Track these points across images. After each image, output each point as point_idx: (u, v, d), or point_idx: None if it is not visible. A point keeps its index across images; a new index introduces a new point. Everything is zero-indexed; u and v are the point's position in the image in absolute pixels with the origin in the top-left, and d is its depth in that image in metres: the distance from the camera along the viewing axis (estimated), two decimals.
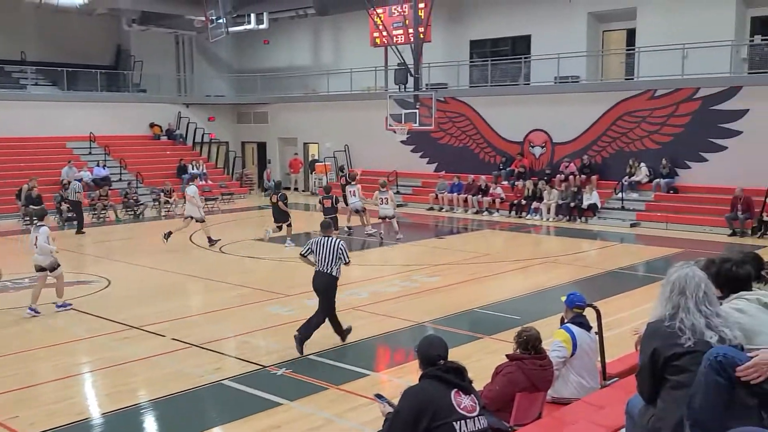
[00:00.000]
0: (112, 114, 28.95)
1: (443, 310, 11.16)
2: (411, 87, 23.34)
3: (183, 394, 7.71)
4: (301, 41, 33.07)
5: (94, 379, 8.47)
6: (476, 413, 3.80)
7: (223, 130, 33.26)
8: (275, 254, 16.53)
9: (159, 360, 8.92)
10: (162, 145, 30.55)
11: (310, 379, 8.04)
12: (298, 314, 10.94)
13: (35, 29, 29.42)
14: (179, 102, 32.09)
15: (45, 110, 27.17)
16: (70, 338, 9.93)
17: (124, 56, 32.07)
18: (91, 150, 27.79)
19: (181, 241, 17.64)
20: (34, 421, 6.95)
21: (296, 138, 32.12)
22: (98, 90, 29.48)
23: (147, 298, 12.34)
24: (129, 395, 7.79)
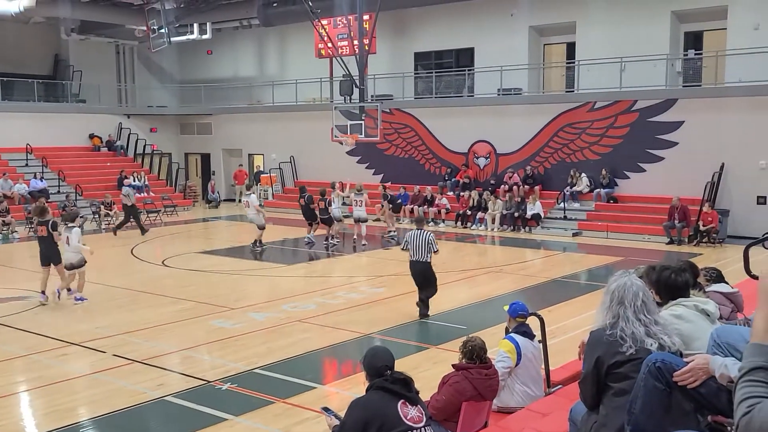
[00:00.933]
0: (50, 125, 28.18)
1: (389, 320, 11.17)
2: (356, 98, 23.38)
3: (125, 411, 7.52)
4: (245, 52, 32.85)
5: (32, 399, 8.20)
6: (423, 424, 3.80)
7: (165, 141, 32.69)
8: (220, 267, 16.31)
9: (99, 377, 8.68)
10: (102, 156, 29.87)
11: (256, 393, 7.94)
12: (244, 328, 10.84)
13: None
14: (120, 113, 31.44)
15: None
16: (5, 356, 9.57)
17: (62, 66, 31.31)
18: (28, 162, 26.98)
19: (123, 254, 17.25)
20: None
21: (241, 149, 31.82)
22: (35, 100, 28.68)
23: (87, 313, 12.02)
24: (69, 414, 7.56)
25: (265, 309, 12.09)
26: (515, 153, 24.14)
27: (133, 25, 28.80)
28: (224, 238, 22.55)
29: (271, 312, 11.86)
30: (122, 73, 33.16)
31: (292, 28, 29.78)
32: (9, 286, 14.17)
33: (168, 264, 16.75)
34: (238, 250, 18.95)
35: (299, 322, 11.21)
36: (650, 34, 21.97)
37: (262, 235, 18.49)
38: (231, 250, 18.84)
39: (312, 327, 10.89)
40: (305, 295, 13.23)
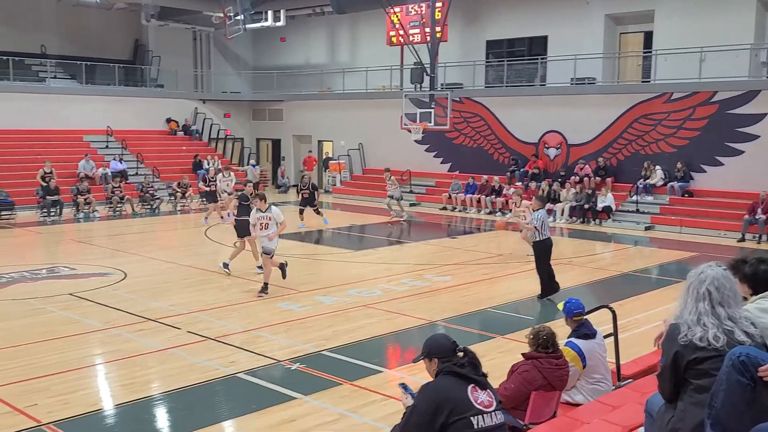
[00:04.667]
0: (129, 108, 29.15)
1: (455, 309, 11.19)
2: (427, 86, 23.38)
3: (198, 386, 7.79)
4: (317, 39, 33.16)
5: (110, 370, 8.56)
6: (493, 408, 3.83)
7: (238, 126, 33.42)
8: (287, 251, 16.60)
9: (174, 352, 9.00)
10: (178, 140, 30.73)
11: (324, 374, 8.10)
12: (310, 311, 11.05)
13: (55, 23, 29.67)
14: (196, 98, 32.28)
15: (63, 103, 27.39)
16: (87, 329, 10.02)
17: (142, 51, 32.28)
18: (108, 144, 28.00)
19: (196, 236, 17.75)
20: (51, 410, 7.05)
21: (311, 135, 32.21)
22: (116, 84, 29.70)
23: (162, 291, 12.44)
24: (146, 386, 7.88)
25: (332, 293, 12.27)
26: (587, 144, 23.71)
27: (211, 11, 29.42)
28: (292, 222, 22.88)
29: (337, 296, 12.04)
30: (199, 59, 33.96)
31: (364, 16, 29.90)
32: (90, 262, 14.76)
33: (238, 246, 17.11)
34: (306, 235, 19.24)
35: (364, 307, 11.35)
36: (733, 23, 21.18)
37: (269, 274, 12.33)
38: (298, 234, 19.12)
39: (377, 312, 11.01)
40: (371, 281, 13.36)
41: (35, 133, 26.49)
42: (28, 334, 9.63)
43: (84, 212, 22.18)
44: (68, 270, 14.11)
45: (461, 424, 3.69)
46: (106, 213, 22.67)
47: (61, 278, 13.46)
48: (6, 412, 7.03)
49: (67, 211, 22.08)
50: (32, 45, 28.91)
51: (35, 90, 27.17)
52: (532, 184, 23.71)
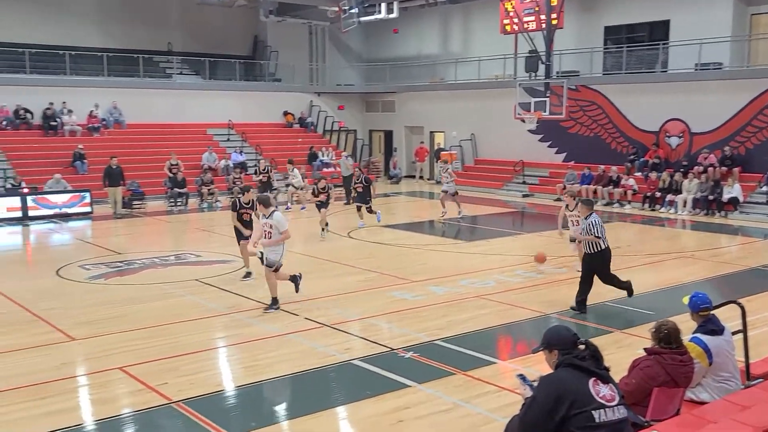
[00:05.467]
0: (248, 102, 30.28)
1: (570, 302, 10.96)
2: (541, 75, 22.93)
3: (314, 371, 8.02)
4: (430, 30, 33.15)
5: (232, 353, 8.95)
6: (616, 402, 3.75)
7: (351, 118, 33.99)
8: (401, 241, 16.77)
9: (292, 338, 9.31)
10: (294, 132, 31.62)
11: (438, 364, 8.15)
12: (424, 300, 11.13)
13: (181, 21, 31.16)
14: (311, 91, 33.08)
15: (188, 98, 28.78)
16: (212, 313, 10.52)
17: (260, 46, 33.38)
18: (230, 137, 29.19)
19: (312, 225, 18.20)
20: (181, 389, 7.46)
21: (423, 127, 32.31)
22: (237, 79, 30.91)
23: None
24: (265, 369, 8.19)
25: (445, 283, 12.30)
26: (712, 132, 22.55)
27: (326, 6, 30.02)
28: (405, 213, 23.11)
29: (451, 287, 12.05)
30: (314, 52, 34.73)
31: (477, 5, 29.64)
32: (214, 250, 15.47)
33: (353, 236, 17.48)
34: (418, 225, 19.35)
35: (478, 297, 11.31)
36: None
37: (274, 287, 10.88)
38: (411, 224, 19.24)
39: (490, 303, 10.95)
40: (484, 271, 13.29)
41: (162, 127, 27.99)
42: (160, 317, 10.22)
43: (207, 202, 23.24)
44: (194, 257, 14.86)
45: (582, 418, 3.64)
46: (227, 203, 23.61)
47: (188, 265, 14.19)
48: (140, 389, 7.51)
49: (192, 201, 23.21)
50: (160, 43, 30.49)
51: (162, 86, 28.69)
52: (652, 175, 22.80)
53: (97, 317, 10.30)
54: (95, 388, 7.70)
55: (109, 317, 10.29)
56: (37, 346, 8.96)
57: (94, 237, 18.06)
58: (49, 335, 9.45)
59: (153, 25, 30.27)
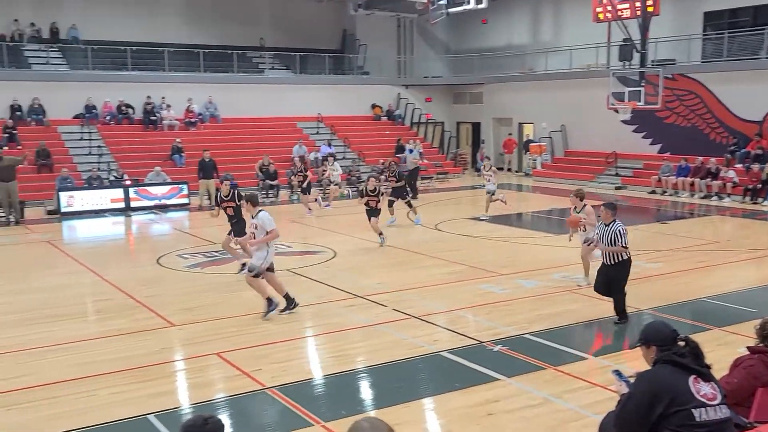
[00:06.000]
0: (337, 96, 30.68)
1: (666, 298, 10.63)
2: (636, 64, 22.23)
3: (402, 362, 8.10)
4: (519, 20, 32.66)
5: (322, 342, 9.13)
6: (717, 402, 3.62)
7: (439, 110, 33.92)
8: (488, 234, 16.66)
9: (380, 328, 9.42)
10: (382, 125, 31.83)
11: (527, 358, 8.08)
12: (512, 293, 11.04)
13: (272, 17, 31.83)
14: (399, 83, 33.20)
15: (279, 93, 29.42)
16: (302, 303, 10.73)
17: (349, 40, 33.72)
18: (319, 130, 29.68)
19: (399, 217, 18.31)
20: (274, 375, 7.68)
21: (511, 118, 31.90)
22: (326, 73, 31.37)
23: (369, 269, 13.02)
24: (353, 359, 8.33)
25: (534, 276, 12.15)
26: None
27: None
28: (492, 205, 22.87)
29: (540, 280, 11.90)
30: (402, 45, 34.82)
31: None
32: (304, 241, 15.80)
33: (440, 228, 17.48)
34: (505, 218, 19.14)
35: (569, 292, 11.13)
36: None
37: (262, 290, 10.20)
38: (498, 217, 19.06)
39: (581, 298, 10.74)
40: (575, 265, 13.00)
41: (255, 121, 28.74)
42: (253, 306, 10.51)
43: (297, 194, 23.68)
44: (285, 247, 15.19)
45: (682, 416, 3.53)
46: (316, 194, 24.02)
47: (280, 255, 14.49)
48: (236, 374, 7.78)
49: (283, 192, 23.75)
50: (253, 39, 31.25)
51: (255, 81, 29.44)
52: (754, 166, 21.77)
53: (195, 304, 10.72)
54: (194, 373, 8.03)
55: (206, 305, 10.68)
56: (139, 331, 9.40)
57: (191, 227, 18.74)
58: (151, 321, 9.90)
59: (245, 22, 31.04)
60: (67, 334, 9.26)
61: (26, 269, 13.76)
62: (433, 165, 29.07)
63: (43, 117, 25.29)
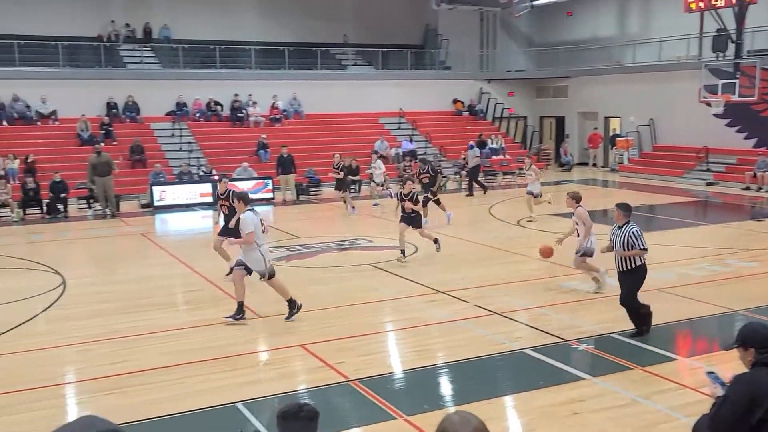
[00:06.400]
0: (419, 91, 30.71)
1: (762, 298, 10.19)
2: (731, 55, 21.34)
3: (485, 358, 8.07)
4: (606, 11, 31.84)
5: (403, 337, 9.19)
6: None
7: (521, 105, 33.47)
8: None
9: (462, 324, 9.40)
10: (463, 120, 31.66)
11: (613, 357, 7.92)
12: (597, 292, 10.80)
13: (355, 13, 32.11)
14: (481, 78, 32.94)
15: (361, 88, 29.69)
16: (383, 297, 10.85)
17: (431, 35, 33.66)
18: (400, 125, 29.79)
19: (481, 213, 18.21)
20: (357, 368, 7.79)
21: (597, 112, 31.16)
22: (408, 68, 31.44)
23: (450, 265, 12.99)
24: (433, 354, 8.35)
25: None
26: None
27: None
28: (537, 206, 22.46)
29: None
30: (484, 39, 34.52)
31: None
32: (385, 235, 15.90)
33: (522, 224, 17.27)
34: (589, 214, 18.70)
35: (657, 291, 10.77)
36: None
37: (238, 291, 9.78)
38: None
39: (670, 297, 10.42)
40: (663, 263, 12.62)
41: (337, 117, 29.08)
42: (336, 299, 10.70)
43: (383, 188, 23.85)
44: (367, 242, 15.37)
45: None
46: (397, 189, 24.12)
47: (361, 249, 14.72)
48: (319, 366, 7.93)
49: (364, 188, 23.93)
50: (336, 35, 31.61)
51: (338, 77, 29.82)
52: None
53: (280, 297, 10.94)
54: (279, 363, 8.23)
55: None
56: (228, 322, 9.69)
57: (275, 221, 19.14)
58: None
59: (329, 19, 31.42)
60: (160, 323, 9.65)
61: (121, 260, 14.41)
62: (516, 160, 28.70)
63: (136, 114, 26.34)
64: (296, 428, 2.95)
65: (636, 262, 8.52)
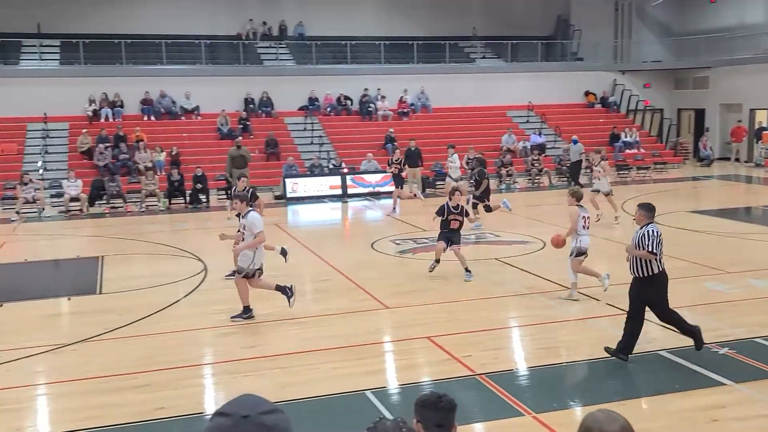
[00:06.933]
0: (549, 83, 30.04)
1: None
2: None
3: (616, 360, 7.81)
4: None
5: (531, 333, 9.05)
6: None
7: (658, 96, 32.02)
8: (713, 228, 15.52)
9: (592, 323, 9.16)
10: (595, 113, 30.70)
11: (758, 363, 7.47)
12: (742, 293, 10.24)
13: (484, 6, 31.81)
14: (615, 69, 31.80)
15: (489, 81, 29.40)
16: (511, 293, 10.74)
17: (563, 26, 32.82)
18: (529, 118, 29.28)
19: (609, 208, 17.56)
20: (484, 362, 7.78)
21: (741, 104, 29.28)
22: (538, 60, 30.83)
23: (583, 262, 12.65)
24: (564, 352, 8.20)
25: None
26: None
27: None
28: (716, 198, 21.31)
29: None
30: (619, 29, 33.27)
31: None
32: (512, 230, 15.74)
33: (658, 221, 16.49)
34: (731, 212, 17.75)
35: None
36: None
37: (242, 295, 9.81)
38: (724, 211, 17.70)
39: None
40: None
41: (465, 110, 28.96)
42: (462, 292, 10.73)
43: (506, 183, 23.64)
44: (494, 237, 15.26)
45: None
46: (525, 184, 23.82)
47: (488, 244, 14.64)
48: (446, 359, 7.97)
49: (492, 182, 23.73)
50: (465, 28, 31.45)
51: (466, 70, 29.67)
52: None
53: (407, 289, 11.11)
54: (405, 354, 8.36)
55: (417, 289, 11.02)
56: (356, 311, 9.94)
57: (402, 214, 19.37)
58: (366, 302, 10.42)
59: (457, 12, 31.30)
60: (293, 310, 10.01)
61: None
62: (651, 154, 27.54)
63: (271, 109, 27.37)
64: (434, 418, 3.02)
65: (651, 269, 7.53)
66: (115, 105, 25.73)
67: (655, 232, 7.52)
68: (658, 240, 7.48)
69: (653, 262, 7.47)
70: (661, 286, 7.59)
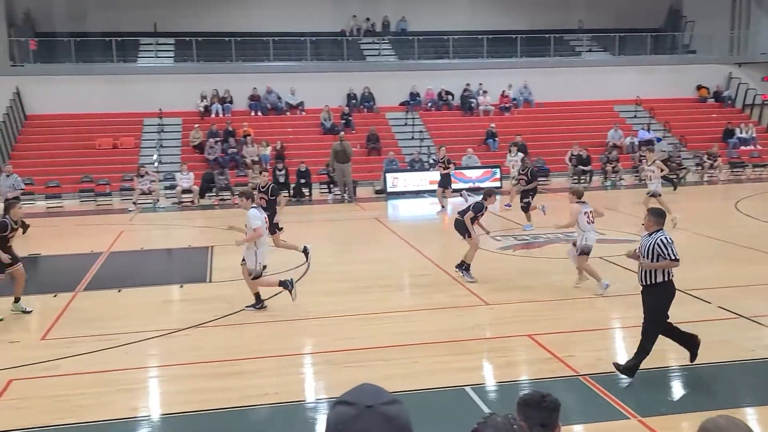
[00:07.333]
0: (658, 77, 28.96)
1: None
2: None
3: (728, 364, 7.52)
4: None
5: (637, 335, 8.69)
6: None
7: None
8: None
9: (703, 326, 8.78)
10: (708, 107, 29.36)
11: None
12: None
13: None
14: (730, 62, 30.29)
15: (595, 75, 28.64)
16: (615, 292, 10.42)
17: (675, 17, 31.53)
18: (637, 113, 28.32)
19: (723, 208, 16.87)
20: (587, 363, 7.61)
21: None
22: (646, 53, 29.77)
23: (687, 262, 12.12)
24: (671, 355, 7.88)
25: None
26: None
27: None
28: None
29: None
30: (736, 19, 31.62)
31: None
32: (617, 228, 15.29)
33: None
34: None
35: None
36: None
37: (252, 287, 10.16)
38: None
39: None
40: None
41: (569, 105, 28.32)
42: (564, 291, 10.56)
43: (611, 180, 23.00)
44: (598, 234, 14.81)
45: None
46: (631, 181, 23.08)
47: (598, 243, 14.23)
48: (547, 357, 7.86)
49: (596, 178, 23.19)
50: (570, 21, 30.73)
51: (571, 64, 29.02)
52: None
53: (507, 285, 11.02)
54: (506, 351, 8.30)
55: (518, 286, 10.92)
56: (455, 307, 9.95)
57: (502, 210, 19.19)
58: (466, 298, 10.40)
59: (562, 4, 30.61)
60: (392, 303, 10.14)
61: (357, 243, 15.30)
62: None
63: (373, 104, 27.67)
64: (538, 417, 3.00)
65: (660, 277, 7.15)
66: (224, 101, 26.71)
67: (669, 239, 7.18)
68: (673, 246, 7.11)
69: (659, 270, 7.12)
70: (665, 294, 7.25)
